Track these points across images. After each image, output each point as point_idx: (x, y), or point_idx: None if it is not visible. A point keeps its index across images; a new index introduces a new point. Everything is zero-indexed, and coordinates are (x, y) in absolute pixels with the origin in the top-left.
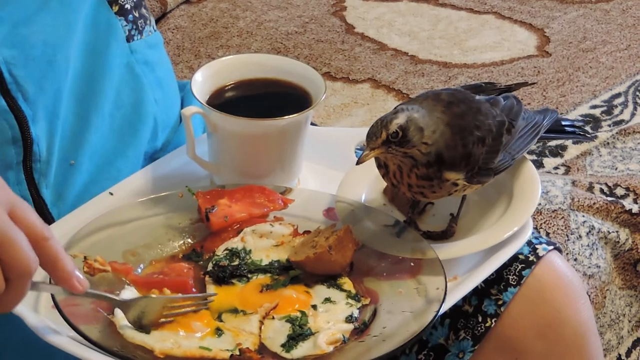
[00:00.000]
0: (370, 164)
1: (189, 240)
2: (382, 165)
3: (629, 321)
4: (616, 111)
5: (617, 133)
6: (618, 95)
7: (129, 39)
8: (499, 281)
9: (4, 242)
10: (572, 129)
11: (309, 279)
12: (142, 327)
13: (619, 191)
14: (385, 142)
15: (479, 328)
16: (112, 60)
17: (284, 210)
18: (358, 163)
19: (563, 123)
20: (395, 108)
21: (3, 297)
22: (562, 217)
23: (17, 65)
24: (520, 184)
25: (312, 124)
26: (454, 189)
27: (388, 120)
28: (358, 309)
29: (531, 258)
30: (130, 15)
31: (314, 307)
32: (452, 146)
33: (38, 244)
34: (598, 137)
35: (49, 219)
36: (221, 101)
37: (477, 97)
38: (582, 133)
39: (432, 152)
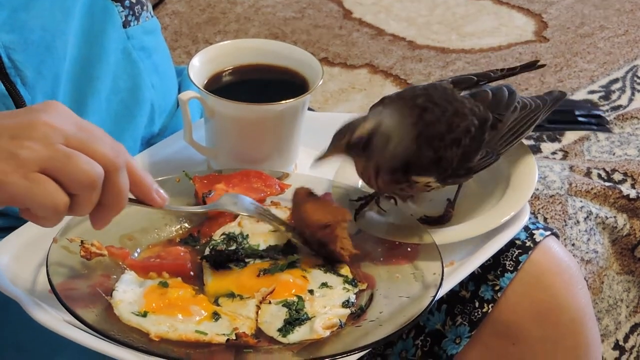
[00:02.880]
0: None
1: (186, 224)
2: None
3: (627, 306)
4: (614, 96)
5: (614, 118)
6: (616, 80)
7: (126, 24)
8: (496, 266)
9: (59, 159)
10: (587, 120)
11: (307, 263)
12: None
13: (617, 176)
14: (348, 146)
15: (476, 313)
16: (109, 46)
17: (280, 195)
18: (316, 161)
19: (577, 112)
20: (370, 111)
21: (73, 208)
22: (560, 203)
23: (16, 50)
24: (517, 169)
25: (309, 109)
26: (428, 188)
27: (355, 125)
28: (355, 293)
29: (528, 243)
30: (127, 1)
31: (311, 291)
32: (418, 155)
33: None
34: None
35: None
36: (218, 86)
37: (460, 95)
38: (600, 124)
39: (394, 163)
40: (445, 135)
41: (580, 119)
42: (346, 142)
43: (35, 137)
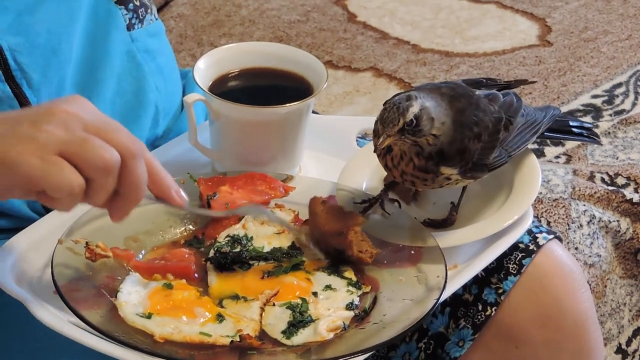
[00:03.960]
0: (371, 151)
1: (191, 226)
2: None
3: (630, 310)
4: (617, 101)
5: (618, 123)
6: (619, 85)
7: (130, 27)
8: (499, 270)
9: (76, 143)
10: (579, 131)
11: (311, 266)
12: None
13: (620, 180)
14: (401, 130)
15: (479, 317)
16: (113, 49)
17: (285, 198)
18: (376, 150)
19: (571, 123)
20: (405, 93)
21: (89, 194)
22: (563, 206)
23: (22, 52)
24: (521, 173)
25: (313, 112)
26: (446, 182)
27: (404, 108)
28: (358, 296)
29: (531, 247)
30: (131, 4)
31: (315, 294)
32: (451, 141)
33: (129, 162)
34: (599, 126)
35: None
36: (223, 89)
37: (477, 92)
38: (590, 136)
39: (437, 144)
40: (471, 126)
41: (574, 129)
42: (401, 126)
43: (54, 122)
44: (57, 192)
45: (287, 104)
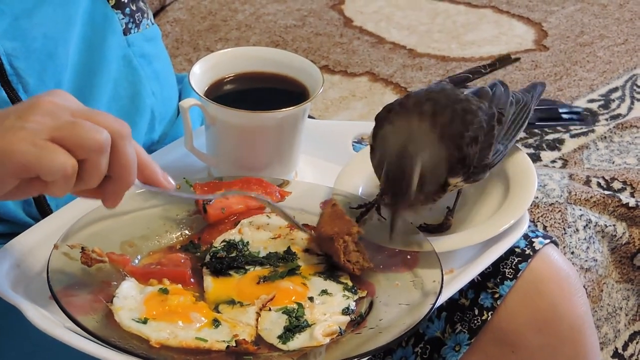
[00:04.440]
0: (367, 156)
1: (187, 231)
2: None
3: (626, 315)
4: (613, 105)
5: (614, 127)
6: (615, 89)
7: (126, 32)
8: (496, 274)
9: (65, 127)
10: (569, 116)
11: (307, 270)
12: None
13: (616, 185)
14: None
15: (476, 321)
16: (109, 53)
17: (281, 203)
18: (392, 232)
19: (560, 110)
20: (401, 154)
21: (82, 177)
22: (559, 211)
23: (18, 57)
24: (516, 177)
25: (310, 116)
26: (455, 188)
27: (406, 184)
28: (355, 301)
29: (527, 251)
30: (127, 9)
31: (311, 299)
32: (449, 155)
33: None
34: (595, 130)
35: (47, 210)
36: (219, 94)
37: (464, 93)
38: (580, 119)
39: (439, 180)
40: (464, 132)
41: (563, 115)
42: (410, 204)
43: (41, 112)
44: (51, 175)
45: (283, 109)
